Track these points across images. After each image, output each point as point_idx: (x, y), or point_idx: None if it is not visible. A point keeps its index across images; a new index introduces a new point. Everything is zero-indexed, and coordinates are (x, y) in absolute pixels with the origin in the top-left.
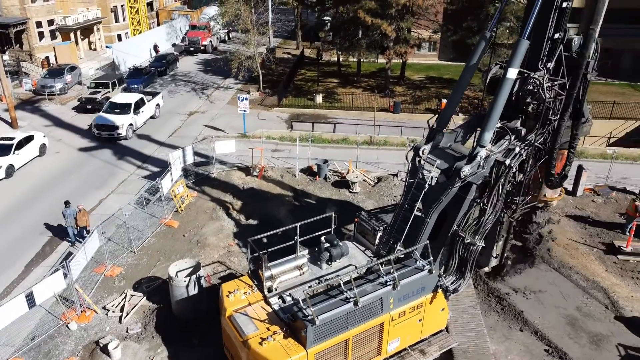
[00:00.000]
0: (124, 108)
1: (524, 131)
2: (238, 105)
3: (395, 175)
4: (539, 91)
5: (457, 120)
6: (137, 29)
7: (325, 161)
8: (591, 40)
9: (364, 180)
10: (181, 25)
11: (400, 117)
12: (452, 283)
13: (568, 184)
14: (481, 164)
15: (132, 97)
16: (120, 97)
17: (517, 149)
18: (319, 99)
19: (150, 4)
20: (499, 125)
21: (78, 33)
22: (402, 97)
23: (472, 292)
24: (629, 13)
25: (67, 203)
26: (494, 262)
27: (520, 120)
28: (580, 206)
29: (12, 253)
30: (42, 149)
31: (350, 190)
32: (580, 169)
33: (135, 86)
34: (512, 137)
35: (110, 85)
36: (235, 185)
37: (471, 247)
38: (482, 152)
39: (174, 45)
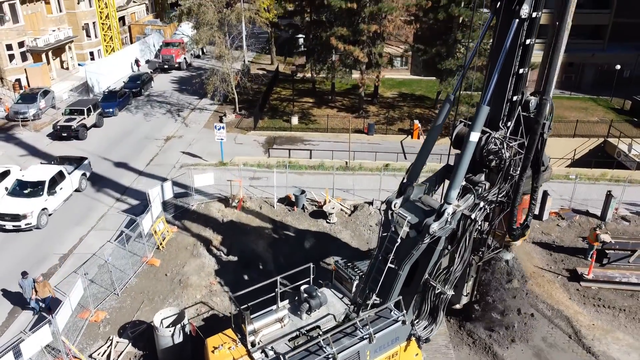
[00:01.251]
0: (35, 188)
1: (487, 185)
2: (215, 134)
3: (371, 203)
4: (500, 150)
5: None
6: (110, 46)
7: (303, 191)
8: (544, 110)
9: (341, 209)
10: (154, 41)
11: (374, 139)
12: (424, 328)
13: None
14: (448, 220)
15: (47, 173)
16: (32, 172)
17: (482, 204)
18: (295, 120)
19: (122, 19)
20: (463, 182)
21: (49, 53)
22: (376, 117)
23: (445, 330)
24: (591, 29)
25: (24, 274)
26: (464, 300)
27: (484, 174)
28: (546, 231)
29: None
30: None
31: (328, 220)
32: (545, 194)
33: (111, 110)
34: (477, 192)
35: (85, 112)
36: (214, 218)
37: (442, 296)
38: (450, 209)
39: (147, 61)
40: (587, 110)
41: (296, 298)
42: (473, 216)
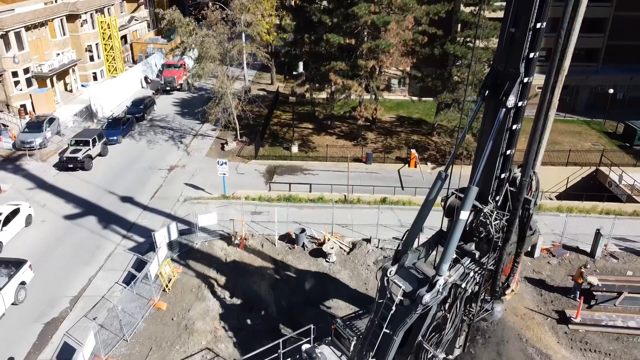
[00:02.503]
0: None
1: (477, 254)
2: (218, 169)
3: (369, 240)
4: (489, 224)
5: (425, 168)
6: (113, 65)
7: (303, 230)
8: (523, 192)
9: (340, 247)
10: (156, 61)
11: (373, 167)
12: None
13: None
14: (440, 290)
15: None
16: None
17: (472, 273)
18: (295, 149)
19: (124, 37)
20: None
21: (54, 77)
22: (374, 145)
23: None
24: (585, 52)
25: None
26: (457, 352)
27: (474, 243)
28: (537, 269)
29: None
30: (28, 220)
31: (327, 260)
32: (538, 185)
33: (115, 137)
34: (467, 262)
35: (90, 143)
36: (218, 257)
37: (434, 359)
38: (441, 281)
39: (150, 81)
40: (580, 135)
41: (297, 357)
42: (464, 285)
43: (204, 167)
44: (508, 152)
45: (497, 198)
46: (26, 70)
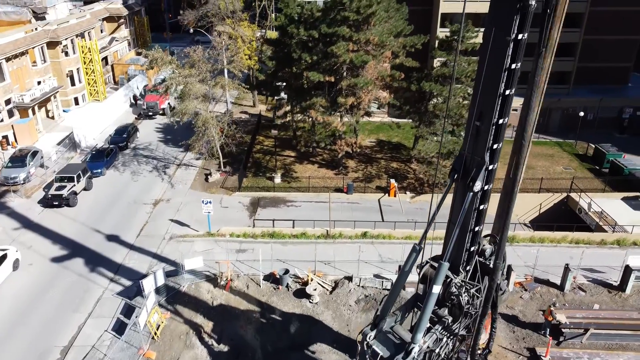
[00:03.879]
0: None
1: (450, 320)
2: (203, 208)
3: (350, 279)
4: (460, 293)
5: (405, 198)
6: (94, 88)
7: (286, 271)
8: (497, 275)
9: (322, 286)
10: (138, 83)
11: (354, 197)
12: None
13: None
14: (415, 357)
15: None
16: None
17: (445, 339)
18: (278, 179)
19: (104, 59)
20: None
21: (35, 106)
22: (355, 174)
23: None
24: (558, 75)
25: None
26: None
27: (447, 308)
28: (510, 304)
29: None
30: (16, 264)
31: (310, 301)
32: (509, 269)
33: (99, 170)
34: (440, 328)
35: (75, 179)
36: (204, 300)
37: None
38: (416, 348)
39: (132, 105)
40: (553, 158)
41: None
42: (437, 351)
43: (188, 200)
44: (477, 228)
45: (468, 268)
46: (7, 101)
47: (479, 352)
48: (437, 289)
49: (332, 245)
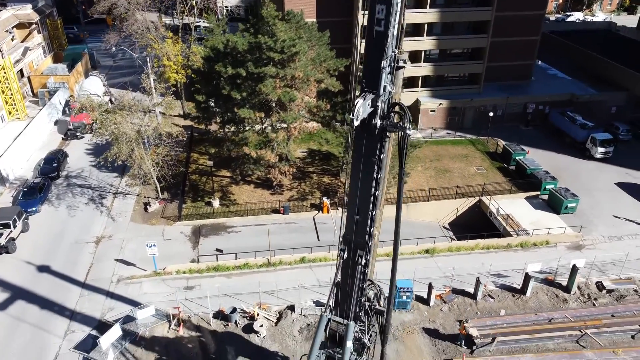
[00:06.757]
0: None
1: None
2: (147, 251)
3: (292, 308)
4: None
5: (337, 213)
6: (12, 106)
7: (234, 310)
8: (390, 312)
9: (268, 319)
10: (60, 98)
11: (290, 217)
12: None
13: (423, 293)
14: None
15: None
16: None
17: None
18: (216, 204)
19: (20, 71)
20: None
21: None
22: (289, 192)
23: None
24: (470, 76)
25: None
26: None
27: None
28: (432, 318)
29: None
30: None
31: (258, 335)
32: (430, 286)
33: (34, 209)
34: None
35: (11, 224)
36: (160, 346)
37: None
38: None
39: (56, 122)
40: (467, 158)
41: None
42: None
43: (130, 236)
44: (364, 285)
45: (360, 313)
46: None
47: None
48: (350, 343)
49: (273, 273)
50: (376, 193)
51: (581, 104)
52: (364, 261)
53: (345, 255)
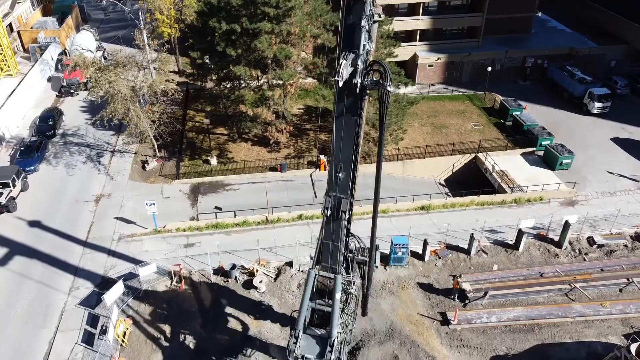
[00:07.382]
0: None
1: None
2: (147, 209)
3: (291, 265)
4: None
5: None
6: (4, 62)
7: (234, 266)
8: (372, 262)
9: (267, 275)
10: (52, 54)
11: (288, 175)
12: None
13: (418, 249)
14: (337, 345)
15: None
16: None
17: (348, 321)
18: (214, 161)
19: (9, 25)
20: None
21: None
22: (287, 150)
23: None
24: (468, 29)
25: None
26: None
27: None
28: (427, 273)
29: None
30: None
31: (258, 290)
32: (425, 242)
33: (32, 167)
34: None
35: (10, 184)
36: (163, 302)
37: None
38: (336, 342)
39: (49, 79)
40: (464, 115)
41: None
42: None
43: (130, 195)
44: (347, 239)
45: (345, 265)
46: None
47: None
48: (339, 295)
49: (272, 230)
50: (357, 151)
51: (580, 57)
52: (347, 216)
53: (329, 212)
